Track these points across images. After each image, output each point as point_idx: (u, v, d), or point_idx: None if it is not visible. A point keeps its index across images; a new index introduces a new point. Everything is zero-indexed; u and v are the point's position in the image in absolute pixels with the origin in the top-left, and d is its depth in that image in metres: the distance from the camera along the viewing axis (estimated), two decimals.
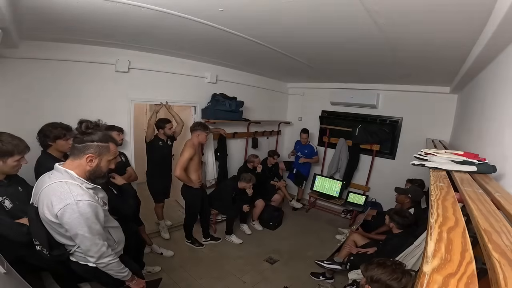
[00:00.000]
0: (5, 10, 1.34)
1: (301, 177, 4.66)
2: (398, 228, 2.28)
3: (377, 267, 1.32)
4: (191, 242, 3.24)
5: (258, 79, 4.31)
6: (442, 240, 0.55)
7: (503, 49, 1.46)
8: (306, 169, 4.65)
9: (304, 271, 2.92)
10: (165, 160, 3.28)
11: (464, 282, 0.42)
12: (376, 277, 1.27)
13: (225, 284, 2.62)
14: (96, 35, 2.21)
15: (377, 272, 1.28)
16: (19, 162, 1.50)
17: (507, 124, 1.27)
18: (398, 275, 1.27)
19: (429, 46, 1.88)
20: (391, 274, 1.27)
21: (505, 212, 0.75)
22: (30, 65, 2.21)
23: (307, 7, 1.42)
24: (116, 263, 1.32)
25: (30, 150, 1.55)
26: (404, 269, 1.33)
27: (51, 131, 1.90)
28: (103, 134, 1.30)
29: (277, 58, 2.77)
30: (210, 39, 2.23)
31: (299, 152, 4.57)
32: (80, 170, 1.25)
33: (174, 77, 3.21)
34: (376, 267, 1.32)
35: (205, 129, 2.90)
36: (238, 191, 3.51)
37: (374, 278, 1.27)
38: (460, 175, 1.11)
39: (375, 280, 1.27)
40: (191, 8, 1.57)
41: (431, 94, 3.62)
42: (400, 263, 1.38)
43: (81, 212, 1.17)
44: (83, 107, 2.49)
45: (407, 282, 1.28)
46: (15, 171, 1.54)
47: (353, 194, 4.32)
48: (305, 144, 4.52)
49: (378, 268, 1.31)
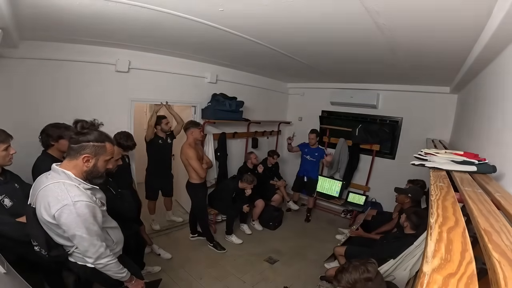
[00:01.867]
0: (5, 10, 1.35)
1: (313, 182, 4.25)
2: (412, 229, 2.25)
3: (343, 274, 1.33)
4: (213, 246, 3.20)
5: (258, 79, 4.31)
6: (442, 240, 0.55)
7: (503, 49, 1.46)
8: (315, 171, 4.26)
9: (304, 271, 2.92)
10: (164, 158, 3.28)
11: (464, 282, 0.42)
12: (351, 281, 1.28)
13: (225, 284, 2.62)
14: (96, 35, 2.21)
15: (347, 277, 1.29)
16: (7, 151, 1.50)
17: (507, 124, 1.27)
18: (363, 267, 1.29)
19: (429, 46, 1.88)
20: (357, 271, 1.29)
21: (505, 212, 0.75)
22: (30, 65, 2.22)
23: (307, 6, 1.42)
24: (114, 264, 1.31)
25: (13, 138, 1.54)
26: (362, 260, 1.35)
27: (54, 131, 1.90)
28: (99, 134, 1.29)
29: (277, 58, 2.77)
30: (210, 39, 2.23)
31: (309, 156, 4.19)
32: (77, 171, 1.24)
33: (174, 77, 3.21)
34: (342, 274, 1.33)
35: (196, 125, 2.96)
36: (238, 191, 3.51)
37: (351, 282, 1.28)
38: (460, 175, 1.11)
39: (352, 283, 1.28)
40: (191, 8, 1.57)
41: (431, 94, 3.62)
42: (356, 260, 1.39)
43: (79, 213, 1.16)
44: (83, 107, 2.50)
45: (374, 269, 1.30)
46: (7, 162, 1.53)
47: (353, 194, 4.32)
48: (313, 147, 4.16)
49: (343, 273, 1.33)
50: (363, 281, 1.26)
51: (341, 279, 1.32)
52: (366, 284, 1.25)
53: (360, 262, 1.33)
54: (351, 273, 1.30)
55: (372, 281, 1.25)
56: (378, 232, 3.03)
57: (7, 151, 1.50)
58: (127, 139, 2.52)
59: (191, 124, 2.93)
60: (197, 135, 2.94)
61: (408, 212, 2.34)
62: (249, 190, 3.47)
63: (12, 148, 1.53)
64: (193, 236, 3.38)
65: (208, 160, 3.21)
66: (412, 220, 2.24)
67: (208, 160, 3.22)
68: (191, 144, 2.90)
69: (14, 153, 1.55)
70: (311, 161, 4.19)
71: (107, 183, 1.66)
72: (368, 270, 1.27)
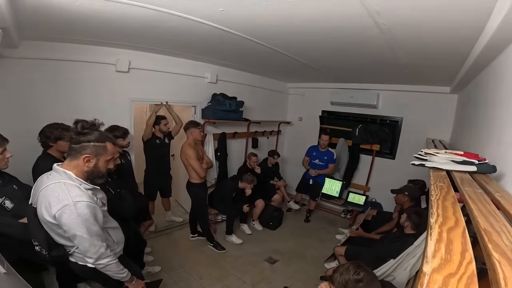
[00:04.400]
0: (5, 10, 1.34)
1: (318, 185, 4.12)
2: (413, 229, 2.25)
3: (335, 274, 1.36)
4: (213, 246, 3.20)
5: (258, 79, 4.31)
6: (442, 240, 0.55)
7: (503, 49, 1.46)
8: (323, 175, 4.10)
9: (304, 271, 2.92)
10: (162, 158, 3.28)
11: (464, 282, 0.42)
12: (342, 281, 1.30)
13: (225, 284, 2.62)
14: (96, 35, 2.21)
15: (340, 278, 1.32)
16: (3, 155, 1.50)
17: (507, 124, 1.27)
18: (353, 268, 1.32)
19: (429, 47, 1.88)
20: (348, 272, 1.31)
21: (505, 212, 0.75)
22: (30, 65, 2.22)
23: (307, 6, 1.42)
24: (115, 264, 1.31)
25: (8, 142, 1.54)
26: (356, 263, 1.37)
27: (52, 132, 1.90)
28: (100, 134, 1.28)
29: (277, 58, 2.77)
30: (210, 39, 2.22)
31: (317, 160, 4.03)
32: (78, 171, 1.24)
33: (174, 77, 3.21)
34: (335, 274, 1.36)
35: (196, 125, 2.95)
36: (238, 191, 3.51)
37: (342, 282, 1.30)
38: (460, 175, 1.11)
39: (344, 283, 1.29)
40: (192, 8, 1.57)
41: (431, 94, 3.62)
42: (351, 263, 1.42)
43: (79, 213, 1.16)
44: (83, 107, 2.50)
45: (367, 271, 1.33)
46: (3, 166, 1.54)
47: (353, 194, 4.32)
48: (324, 150, 3.97)
49: (335, 274, 1.35)
50: (353, 282, 1.27)
51: (334, 279, 1.35)
52: (356, 285, 1.27)
53: (351, 265, 1.36)
54: (342, 274, 1.32)
55: (362, 282, 1.27)
56: (378, 232, 3.03)
57: (3, 154, 1.50)
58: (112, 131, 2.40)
59: (191, 124, 2.93)
60: (197, 135, 2.95)
61: (408, 212, 2.34)
62: (249, 190, 3.47)
63: (8, 151, 1.53)
64: (193, 236, 3.39)
65: (208, 160, 3.22)
66: (413, 219, 2.24)
67: (208, 160, 3.22)
68: (191, 144, 2.90)
69: (10, 157, 1.55)
70: (320, 165, 4.06)
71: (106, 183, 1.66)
72: (358, 272, 1.29)
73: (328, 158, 4.01)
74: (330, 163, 4.02)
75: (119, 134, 2.48)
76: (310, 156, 4.15)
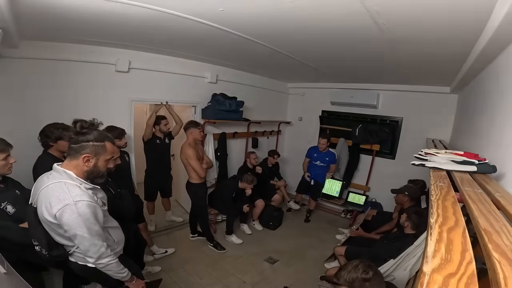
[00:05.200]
0: (5, 10, 1.34)
1: (319, 186, 4.14)
2: (413, 229, 2.25)
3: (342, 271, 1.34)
4: (213, 246, 3.20)
5: (258, 79, 4.31)
6: (442, 240, 0.55)
7: (503, 49, 1.46)
8: (323, 175, 4.09)
9: (304, 271, 2.92)
10: (163, 158, 3.28)
11: (464, 282, 0.42)
12: (349, 278, 1.29)
13: (225, 284, 2.62)
14: (96, 35, 2.21)
15: (347, 276, 1.31)
16: (6, 160, 1.49)
17: (507, 124, 1.27)
18: (362, 267, 1.30)
19: (429, 47, 1.88)
20: (357, 270, 1.30)
21: (505, 212, 0.75)
22: (30, 65, 2.21)
23: (307, 6, 1.42)
24: (115, 264, 1.32)
25: (12, 147, 1.53)
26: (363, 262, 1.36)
27: (52, 132, 1.90)
28: (99, 133, 1.28)
29: (277, 58, 2.77)
30: (210, 39, 2.22)
31: (319, 161, 4.06)
32: (78, 171, 1.24)
33: (174, 77, 3.21)
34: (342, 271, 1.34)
35: (196, 125, 2.95)
36: (238, 191, 3.51)
37: (348, 280, 1.29)
38: (460, 175, 1.11)
39: (351, 281, 1.29)
40: (192, 8, 1.57)
41: (431, 94, 3.62)
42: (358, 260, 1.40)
43: (80, 213, 1.16)
44: (83, 107, 2.50)
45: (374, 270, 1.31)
46: (6, 171, 1.52)
47: (353, 194, 4.32)
48: (324, 151, 4.02)
49: (343, 271, 1.34)
50: (361, 281, 1.27)
51: (340, 276, 1.33)
52: (363, 284, 1.26)
53: (361, 263, 1.35)
54: (350, 271, 1.31)
55: (369, 281, 1.26)
56: (378, 232, 3.03)
57: (6, 160, 1.49)
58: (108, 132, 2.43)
59: (191, 124, 2.93)
60: (197, 135, 2.94)
61: (409, 212, 2.33)
62: (249, 190, 3.47)
63: (11, 157, 1.52)
64: (193, 236, 3.39)
65: (208, 160, 3.22)
66: (413, 219, 2.24)
67: (208, 160, 3.23)
68: (191, 144, 2.90)
69: (14, 162, 1.54)
70: (321, 166, 4.05)
71: (106, 183, 1.66)
72: (367, 272, 1.28)
73: (329, 159, 4.03)
74: (332, 163, 4.02)
75: (115, 135, 2.48)
76: (311, 157, 4.15)
